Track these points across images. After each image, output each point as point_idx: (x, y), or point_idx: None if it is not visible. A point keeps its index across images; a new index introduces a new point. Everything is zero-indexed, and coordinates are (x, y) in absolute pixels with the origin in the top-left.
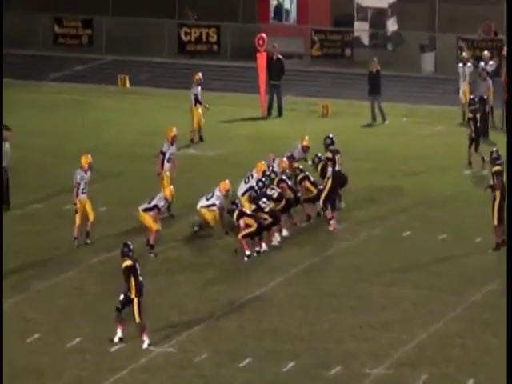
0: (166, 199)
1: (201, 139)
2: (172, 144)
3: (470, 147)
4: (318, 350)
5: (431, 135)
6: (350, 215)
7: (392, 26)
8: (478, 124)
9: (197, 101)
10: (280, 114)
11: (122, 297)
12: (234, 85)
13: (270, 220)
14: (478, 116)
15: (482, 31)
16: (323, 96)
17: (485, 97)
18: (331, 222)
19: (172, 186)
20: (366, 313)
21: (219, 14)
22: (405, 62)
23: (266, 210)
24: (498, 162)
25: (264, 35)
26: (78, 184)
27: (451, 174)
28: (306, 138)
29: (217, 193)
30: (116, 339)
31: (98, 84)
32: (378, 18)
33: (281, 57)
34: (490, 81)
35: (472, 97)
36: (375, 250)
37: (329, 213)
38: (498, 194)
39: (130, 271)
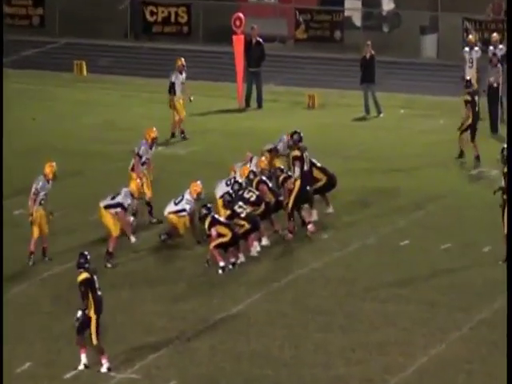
0: (131, 195)
1: (182, 132)
2: (151, 148)
3: (461, 134)
4: (303, 375)
5: (433, 130)
6: (340, 221)
7: (388, 4)
8: (478, 109)
9: (172, 89)
10: (259, 105)
11: (79, 314)
12: (206, 72)
13: (247, 227)
14: (477, 99)
15: (490, 11)
16: (309, 85)
17: (495, 85)
18: (289, 235)
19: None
20: (358, 333)
21: None
22: (403, 46)
23: (243, 215)
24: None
25: (241, 15)
26: (38, 192)
27: (455, 175)
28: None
29: (187, 196)
30: (81, 366)
31: (51, 71)
32: None
33: (260, 40)
34: (501, 67)
35: (468, 78)
36: (368, 261)
37: (292, 224)
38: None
39: (87, 285)
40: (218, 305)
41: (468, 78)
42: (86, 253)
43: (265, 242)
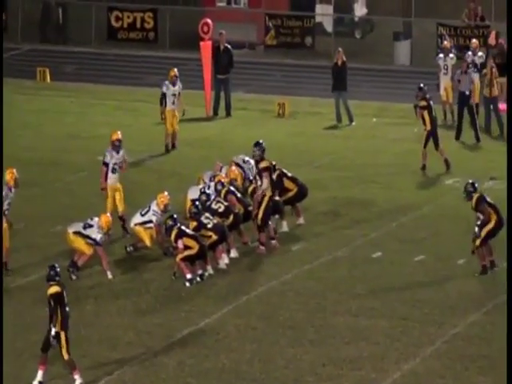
0: (101, 228)
1: (173, 146)
2: (117, 151)
3: (425, 147)
4: None
5: (406, 138)
6: (311, 232)
7: (360, 9)
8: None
9: (163, 101)
10: (228, 113)
11: (53, 332)
12: None
13: (214, 238)
14: (432, 104)
15: (465, 16)
16: (279, 93)
17: (466, 92)
18: (261, 247)
19: (109, 214)
20: (329, 347)
21: None
22: (375, 53)
23: (210, 225)
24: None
25: (209, 21)
26: None
27: (429, 185)
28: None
29: (153, 207)
30: (35, 383)
31: (13, 78)
32: (343, 0)
33: (229, 46)
34: (477, 74)
35: (421, 85)
36: (340, 273)
37: (263, 236)
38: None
39: (58, 299)
40: (186, 318)
41: (421, 85)
42: (57, 265)
43: (233, 253)
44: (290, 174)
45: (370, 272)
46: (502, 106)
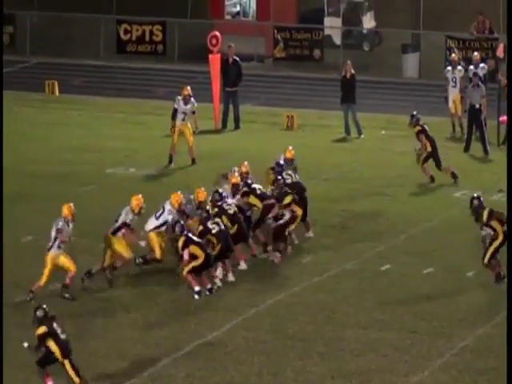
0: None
1: (193, 161)
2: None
3: (423, 164)
4: None
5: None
6: (320, 245)
7: (369, 22)
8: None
9: (174, 116)
10: (237, 126)
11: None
12: None
13: (218, 247)
14: (426, 127)
15: (474, 29)
16: (288, 105)
17: (477, 106)
18: (242, 262)
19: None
20: (338, 360)
21: (165, 8)
22: (384, 65)
23: (215, 231)
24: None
25: (218, 34)
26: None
27: (438, 198)
28: (290, 148)
29: (168, 207)
30: None
31: (21, 91)
32: (352, 13)
33: (238, 59)
34: (483, 86)
35: (414, 113)
36: (349, 286)
37: (255, 247)
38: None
39: (46, 337)
40: (194, 331)
41: (414, 113)
42: (44, 306)
43: (242, 266)
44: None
45: (378, 284)
46: (503, 118)
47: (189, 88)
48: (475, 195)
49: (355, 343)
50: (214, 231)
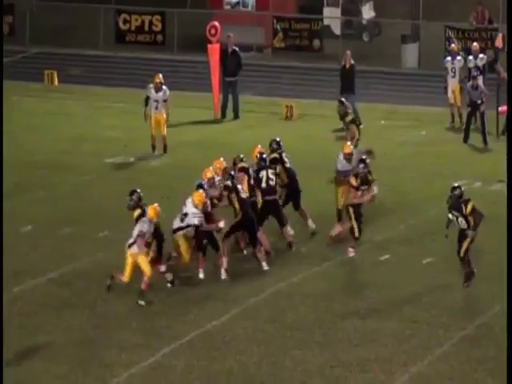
0: (195, 207)
1: (165, 150)
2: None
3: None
4: None
5: (414, 141)
6: (320, 235)
7: (368, 12)
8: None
9: (147, 102)
10: (236, 116)
11: None
12: (181, 82)
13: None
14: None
15: (473, 19)
16: (287, 95)
17: (478, 101)
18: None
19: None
20: (337, 349)
21: None
22: (383, 56)
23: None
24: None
25: (217, 24)
26: (143, 234)
27: (438, 187)
28: (348, 143)
29: (192, 210)
30: None
31: (21, 81)
32: (351, 3)
33: (237, 49)
34: (481, 77)
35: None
36: (348, 276)
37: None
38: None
39: None
40: (194, 321)
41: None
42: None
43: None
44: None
45: (378, 274)
46: (502, 108)
47: (160, 76)
48: (456, 184)
49: (354, 333)
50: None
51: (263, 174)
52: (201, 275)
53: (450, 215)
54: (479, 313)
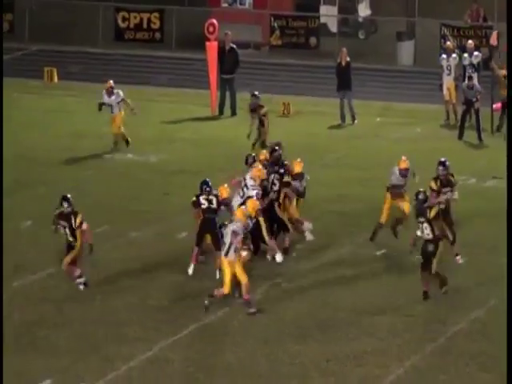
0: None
1: (127, 143)
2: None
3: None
4: None
5: (409, 138)
6: (315, 230)
7: (364, 10)
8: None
9: (101, 107)
10: (233, 113)
11: None
12: (179, 79)
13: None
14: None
15: (468, 17)
16: (284, 92)
17: (473, 99)
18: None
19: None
20: (333, 344)
21: None
22: (379, 53)
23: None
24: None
25: (215, 21)
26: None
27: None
28: (404, 158)
29: (250, 182)
30: None
31: (20, 78)
32: (347, 1)
33: (234, 46)
34: (475, 74)
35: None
36: (344, 271)
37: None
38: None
39: None
40: (192, 315)
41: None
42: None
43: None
44: None
45: (373, 269)
46: (496, 105)
47: (111, 81)
48: (420, 189)
49: (350, 327)
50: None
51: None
52: (190, 271)
53: (418, 231)
54: (474, 308)
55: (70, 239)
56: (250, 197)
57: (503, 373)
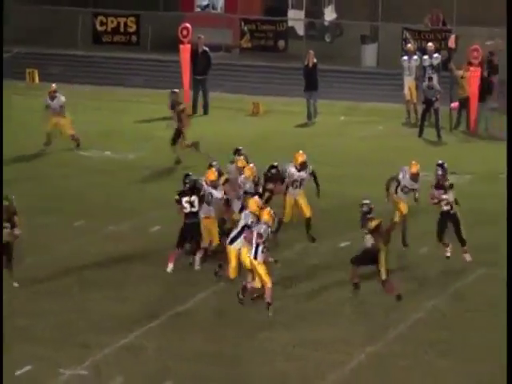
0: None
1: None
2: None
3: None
4: (247, 372)
5: (372, 136)
6: (286, 224)
7: (330, 14)
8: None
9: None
10: (206, 112)
11: None
12: (155, 80)
13: None
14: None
15: (428, 21)
16: (254, 93)
17: (433, 99)
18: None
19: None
20: (299, 330)
21: (138, 1)
22: (344, 55)
23: None
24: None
25: (188, 25)
26: (262, 237)
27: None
28: (414, 162)
29: (247, 183)
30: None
31: (3, 79)
32: (314, 6)
33: (207, 49)
34: (435, 75)
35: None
36: (311, 261)
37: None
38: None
39: None
40: (165, 304)
41: (176, 90)
42: None
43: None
44: None
45: (338, 260)
46: (454, 104)
47: (54, 85)
48: (364, 201)
49: (316, 315)
50: None
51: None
52: (169, 269)
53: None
54: (433, 296)
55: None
56: (246, 192)
57: (461, 359)
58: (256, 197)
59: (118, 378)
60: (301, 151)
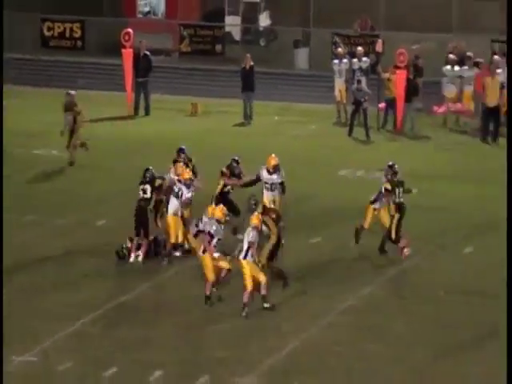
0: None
1: None
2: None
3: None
4: (188, 359)
5: (305, 135)
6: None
7: (265, 20)
8: None
9: None
10: (147, 112)
11: None
12: (99, 83)
13: None
14: None
15: (358, 26)
16: (193, 94)
17: (362, 100)
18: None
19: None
20: (237, 318)
21: (83, 8)
22: (278, 59)
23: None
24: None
25: (130, 30)
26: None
27: (325, 175)
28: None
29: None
30: None
31: None
32: (250, 12)
33: (148, 53)
34: (364, 78)
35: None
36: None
37: None
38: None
39: None
40: (109, 294)
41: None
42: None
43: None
44: None
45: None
46: (381, 105)
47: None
48: (253, 195)
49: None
50: None
51: None
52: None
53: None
54: (361, 285)
55: None
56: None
57: (391, 344)
58: (221, 205)
59: (66, 363)
60: (273, 154)
